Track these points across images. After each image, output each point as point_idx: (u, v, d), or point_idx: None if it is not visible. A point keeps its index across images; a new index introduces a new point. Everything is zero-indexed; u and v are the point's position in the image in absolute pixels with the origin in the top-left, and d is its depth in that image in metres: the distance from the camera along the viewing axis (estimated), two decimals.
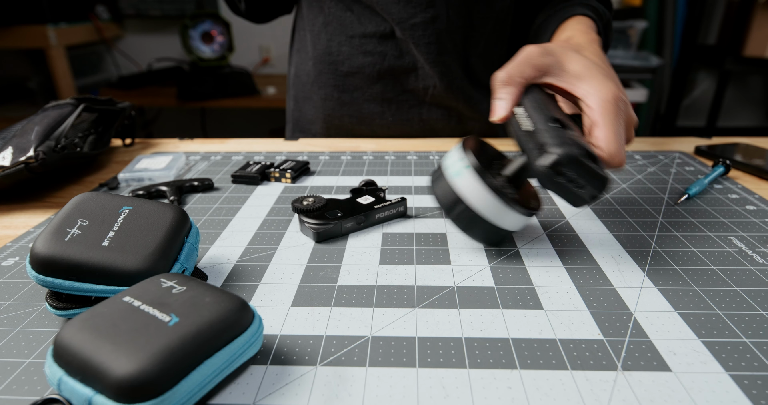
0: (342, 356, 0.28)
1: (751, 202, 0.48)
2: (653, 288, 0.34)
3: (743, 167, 0.56)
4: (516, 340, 0.29)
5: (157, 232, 0.32)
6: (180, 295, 0.26)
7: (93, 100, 0.61)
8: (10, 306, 0.33)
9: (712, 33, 2.48)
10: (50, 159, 0.50)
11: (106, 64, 2.55)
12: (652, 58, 2.07)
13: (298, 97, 0.77)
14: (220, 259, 0.39)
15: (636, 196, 0.49)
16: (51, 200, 0.52)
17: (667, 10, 2.19)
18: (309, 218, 0.42)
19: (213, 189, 0.53)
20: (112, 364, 0.22)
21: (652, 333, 0.30)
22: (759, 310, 0.32)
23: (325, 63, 0.70)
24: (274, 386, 0.26)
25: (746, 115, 2.73)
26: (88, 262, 0.29)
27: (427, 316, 0.31)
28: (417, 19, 0.63)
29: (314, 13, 0.69)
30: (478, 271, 0.37)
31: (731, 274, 0.36)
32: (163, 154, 0.61)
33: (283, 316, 0.32)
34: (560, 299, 0.33)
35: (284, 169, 0.55)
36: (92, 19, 2.22)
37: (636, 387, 0.26)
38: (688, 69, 2.45)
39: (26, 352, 0.29)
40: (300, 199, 0.44)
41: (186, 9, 2.31)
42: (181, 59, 2.39)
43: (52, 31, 1.96)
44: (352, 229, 0.43)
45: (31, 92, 2.35)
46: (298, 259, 0.39)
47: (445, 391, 0.26)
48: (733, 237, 0.41)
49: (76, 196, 0.34)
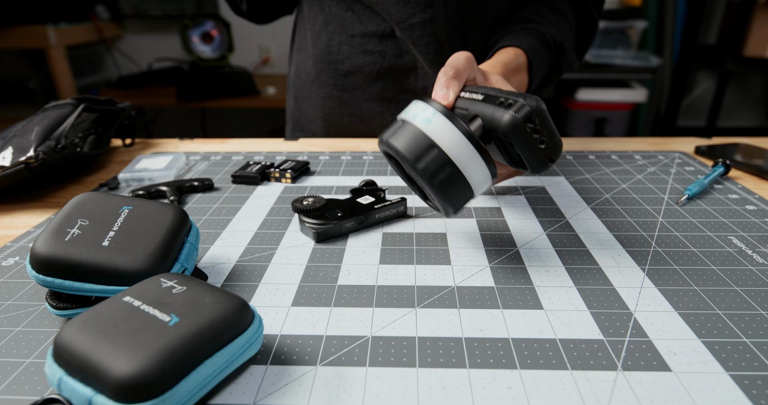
0: (342, 356, 0.28)
1: (751, 202, 0.48)
2: (653, 288, 0.34)
3: (743, 167, 0.56)
4: (516, 340, 0.29)
5: (157, 232, 0.32)
6: (180, 295, 0.26)
7: (93, 100, 0.61)
8: (10, 306, 0.33)
9: (712, 33, 2.48)
10: (50, 159, 0.50)
11: (106, 64, 2.55)
12: (652, 58, 2.07)
13: (298, 96, 0.77)
14: (220, 259, 0.39)
15: (636, 196, 0.49)
16: (51, 200, 0.52)
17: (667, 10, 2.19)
18: (309, 218, 0.42)
19: (213, 189, 0.53)
20: (112, 364, 0.22)
21: (652, 333, 0.30)
22: (759, 310, 0.32)
23: (325, 62, 0.70)
24: (274, 386, 0.26)
25: (746, 115, 2.73)
26: (88, 262, 0.29)
27: (427, 316, 0.31)
28: (416, 19, 0.63)
29: (315, 13, 0.69)
30: (478, 271, 0.37)
31: (731, 274, 0.36)
32: (163, 154, 0.61)
33: (283, 316, 0.32)
34: (560, 299, 0.33)
35: (284, 169, 0.55)
36: (92, 19, 2.22)
37: (636, 387, 0.26)
38: (688, 69, 2.45)
39: (26, 352, 0.29)
40: (300, 199, 0.44)
41: (186, 9, 2.30)
42: (181, 59, 2.39)
43: (52, 31, 1.96)
44: (352, 229, 0.43)
45: (31, 92, 2.35)
46: (298, 259, 0.39)
47: (445, 391, 0.26)
48: (733, 237, 0.41)
49: (76, 196, 0.34)
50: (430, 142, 0.34)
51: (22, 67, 2.35)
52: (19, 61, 2.34)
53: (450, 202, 0.35)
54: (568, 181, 0.54)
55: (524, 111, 0.33)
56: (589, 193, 0.50)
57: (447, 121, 0.34)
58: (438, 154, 0.33)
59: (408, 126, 0.35)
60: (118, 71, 2.52)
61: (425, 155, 0.33)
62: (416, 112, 0.35)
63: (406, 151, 0.34)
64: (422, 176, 0.34)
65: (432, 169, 0.33)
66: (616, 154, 0.62)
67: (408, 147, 0.34)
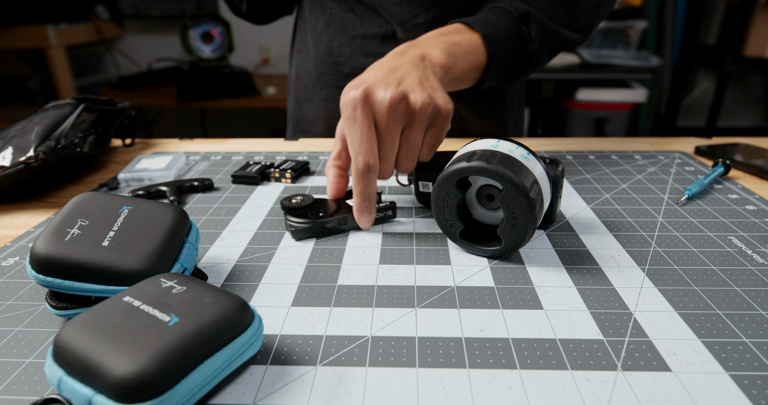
0: (342, 356, 0.28)
1: (751, 202, 0.48)
2: (653, 288, 0.34)
3: (743, 167, 0.56)
4: (516, 340, 0.29)
5: (157, 232, 0.32)
6: (180, 295, 0.26)
7: (93, 100, 0.61)
8: (10, 306, 0.33)
9: (712, 33, 2.48)
10: (50, 159, 0.50)
11: (106, 64, 2.55)
12: (652, 58, 2.07)
13: (299, 98, 0.77)
14: (220, 259, 0.39)
15: (636, 196, 0.49)
16: (51, 200, 0.52)
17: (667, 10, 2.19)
18: (291, 216, 0.42)
19: (213, 189, 0.53)
20: (112, 364, 0.22)
21: (652, 333, 0.30)
22: (759, 310, 0.32)
23: (326, 64, 0.70)
24: (274, 386, 0.26)
25: (746, 115, 2.73)
26: (88, 262, 0.29)
27: (427, 316, 0.31)
28: (419, 19, 0.63)
29: (316, 14, 0.69)
30: (478, 271, 0.37)
31: (731, 274, 0.36)
32: (163, 154, 0.61)
33: (283, 316, 0.32)
34: (560, 299, 0.33)
35: (284, 169, 0.55)
36: (92, 19, 2.22)
37: (636, 387, 0.26)
38: (688, 69, 2.45)
39: (26, 352, 0.29)
40: (289, 197, 0.44)
41: (186, 9, 2.30)
42: (181, 59, 2.39)
43: (52, 31, 1.96)
44: (333, 230, 0.43)
45: (31, 92, 2.35)
46: (298, 259, 0.39)
47: (445, 391, 0.26)
48: (733, 237, 0.41)
49: (76, 196, 0.34)
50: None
51: (22, 67, 2.35)
52: (19, 61, 2.34)
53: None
54: (568, 181, 0.54)
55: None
56: (589, 193, 0.50)
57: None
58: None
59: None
60: (118, 71, 2.51)
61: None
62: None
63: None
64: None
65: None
66: (616, 154, 0.62)
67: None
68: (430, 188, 0.45)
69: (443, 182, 0.37)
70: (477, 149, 0.37)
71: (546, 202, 0.37)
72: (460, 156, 0.37)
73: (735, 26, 2.24)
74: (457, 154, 0.39)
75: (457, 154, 0.39)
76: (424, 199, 0.47)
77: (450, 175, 0.36)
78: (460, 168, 0.36)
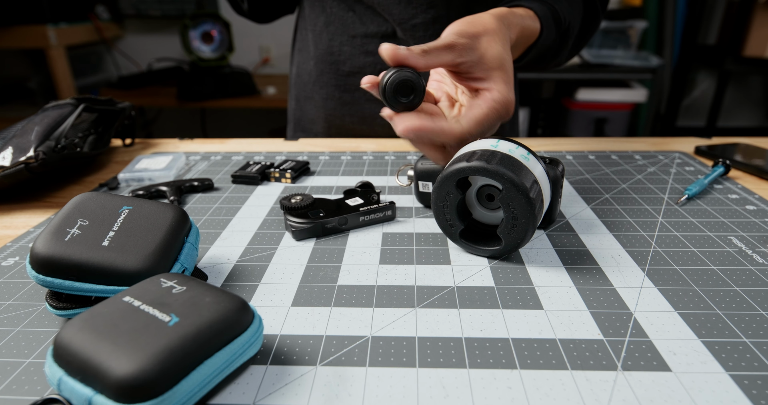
0: (342, 356, 0.28)
1: (751, 202, 0.48)
2: (653, 288, 0.34)
3: (743, 167, 0.56)
4: (516, 340, 0.29)
5: (157, 232, 0.32)
6: (180, 295, 0.26)
7: (93, 100, 0.61)
8: (10, 306, 0.33)
9: (712, 33, 2.48)
10: (50, 159, 0.50)
11: (106, 64, 2.55)
12: (652, 58, 2.07)
13: (300, 97, 0.77)
14: (220, 259, 0.39)
15: (636, 196, 0.49)
16: (51, 200, 0.52)
17: (667, 10, 2.19)
18: (292, 216, 0.42)
19: (213, 189, 0.53)
20: (112, 364, 0.22)
21: (652, 333, 0.30)
22: (759, 310, 0.32)
23: (326, 63, 0.70)
24: (274, 386, 0.26)
25: (746, 115, 2.73)
26: (88, 262, 0.29)
27: (427, 316, 0.31)
28: (418, 19, 0.63)
29: (316, 13, 0.69)
30: (478, 271, 0.37)
31: (731, 274, 0.36)
32: (163, 154, 0.61)
33: (283, 316, 0.32)
34: (560, 299, 0.33)
35: (284, 169, 0.55)
36: (92, 19, 2.22)
37: (636, 387, 0.26)
38: (688, 69, 2.45)
39: (26, 352, 0.29)
40: (289, 197, 0.44)
41: (186, 9, 2.31)
42: (181, 59, 2.39)
43: (52, 31, 1.96)
44: (334, 230, 0.43)
45: (31, 92, 2.35)
46: (298, 259, 0.39)
47: (445, 391, 0.26)
48: (733, 237, 0.41)
49: (76, 196, 0.34)
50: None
51: (22, 67, 2.35)
52: (19, 61, 2.34)
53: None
54: (568, 181, 0.54)
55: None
56: (589, 193, 0.50)
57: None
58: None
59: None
60: (118, 71, 2.52)
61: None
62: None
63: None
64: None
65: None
66: (616, 154, 0.62)
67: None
68: (430, 188, 0.46)
69: (443, 182, 0.37)
70: (477, 149, 0.37)
71: (546, 202, 0.37)
72: (460, 156, 0.38)
73: (735, 26, 2.24)
74: (457, 154, 0.39)
75: (457, 154, 0.39)
76: (424, 199, 0.47)
77: (450, 175, 0.36)
78: (460, 168, 0.36)
